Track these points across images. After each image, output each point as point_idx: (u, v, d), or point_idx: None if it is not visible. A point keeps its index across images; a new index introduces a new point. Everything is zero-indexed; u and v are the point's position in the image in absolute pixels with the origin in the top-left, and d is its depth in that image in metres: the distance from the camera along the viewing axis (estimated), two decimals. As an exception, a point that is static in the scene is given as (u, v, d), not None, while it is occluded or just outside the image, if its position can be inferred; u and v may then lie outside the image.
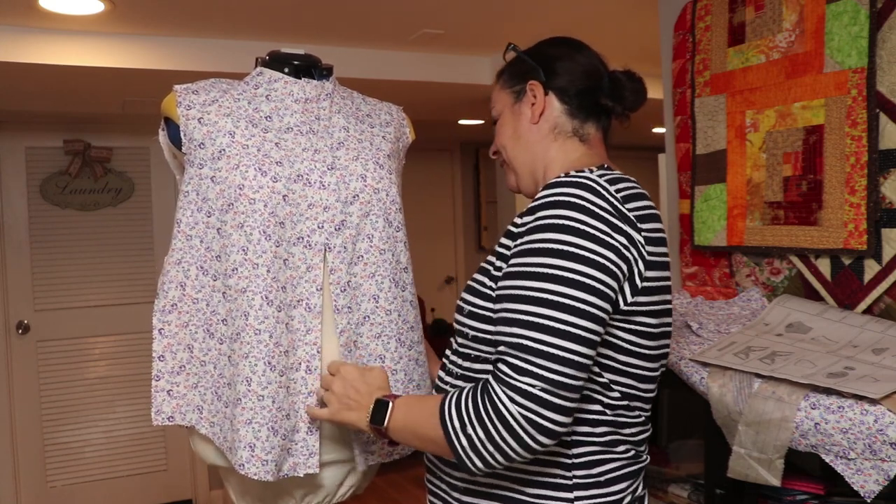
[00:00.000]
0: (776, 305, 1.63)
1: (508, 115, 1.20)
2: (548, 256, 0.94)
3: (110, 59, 2.51)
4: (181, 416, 1.41)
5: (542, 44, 1.21)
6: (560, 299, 0.92)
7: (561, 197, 0.97)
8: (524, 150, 1.18)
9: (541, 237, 0.95)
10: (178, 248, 1.39)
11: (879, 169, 1.48)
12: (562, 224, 0.94)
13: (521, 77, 1.19)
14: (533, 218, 0.98)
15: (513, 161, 1.20)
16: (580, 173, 1.01)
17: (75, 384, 3.70)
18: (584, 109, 1.16)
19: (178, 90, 1.39)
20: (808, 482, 1.44)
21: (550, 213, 0.96)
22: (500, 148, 1.22)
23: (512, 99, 1.20)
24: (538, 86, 1.16)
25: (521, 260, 0.97)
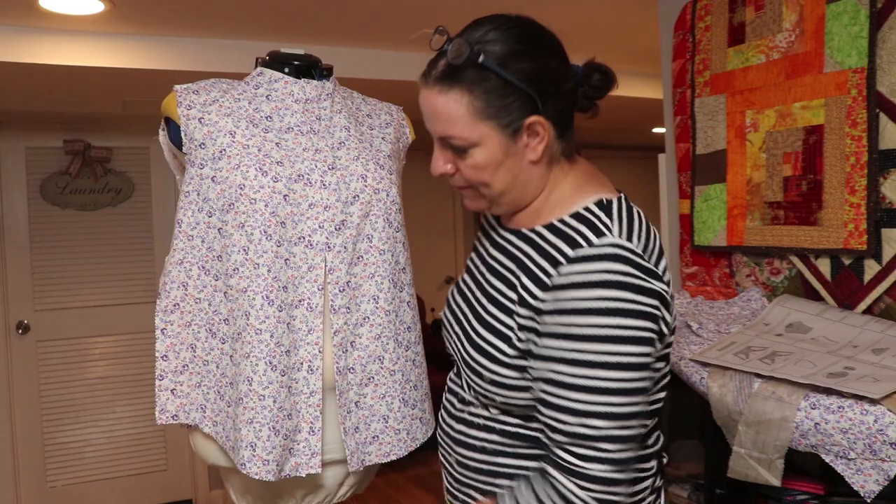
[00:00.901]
0: (776, 305, 1.63)
1: (497, 153, 0.97)
2: (598, 343, 0.89)
3: (110, 59, 2.51)
4: (185, 415, 1.41)
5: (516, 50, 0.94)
6: (617, 385, 0.89)
7: (604, 276, 0.89)
8: (520, 189, 1.01)
9: (588, 321, 0.89)
10: (180, 248, 1.39)
11: (879, 169, 1.48)
12: (607, 308, 0.88)
13: (513, 110, 0.95)
14: (575, 297, 0.90)
15: (499, 198, 1.02)
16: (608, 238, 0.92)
17: (75, 384, 3.70)
18: (570, 123, 1.02)
19: (178, 90, 1.39)
20: (808, 482, 1.44)
21: (595, 296, 0.89)
22: (479, 185, 1.01)
23: (502, 135, 0.96)
24: (543, 122, 0.96)
25: (571, 346, 0.90)
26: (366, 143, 1.46)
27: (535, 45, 0.96)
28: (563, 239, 0.96)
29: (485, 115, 0.95)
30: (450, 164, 1.02)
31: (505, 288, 1.02)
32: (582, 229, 0.95)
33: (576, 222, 0.97)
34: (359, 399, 1.41)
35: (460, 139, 0.97)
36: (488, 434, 1.06)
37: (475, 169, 0.99)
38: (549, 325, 0.93)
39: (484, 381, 1.01)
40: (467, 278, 1.15)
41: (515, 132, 0.96)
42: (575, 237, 0.95)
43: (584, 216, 0.97)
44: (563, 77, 0.98)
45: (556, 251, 0.96)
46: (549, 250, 0.97)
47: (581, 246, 0.93)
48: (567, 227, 0.97)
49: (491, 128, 0.96)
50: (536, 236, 1.01)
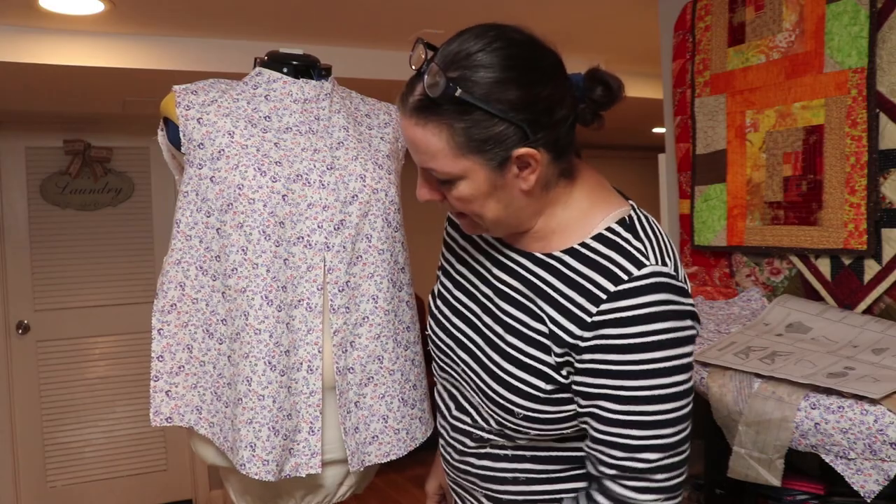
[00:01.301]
0: (776, 305, 1.63)
1: (483, 187, 0.90)
2: (646, 378, 0.86)
3: (110, 59, 2.51)
4: (179, 417, 1.40)
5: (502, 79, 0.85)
6: (666, 416, 0.88)
7: (650, 309, 0.86)
8: (516, 216, 0.95)
9: (635, 358, 0.86)
10: (178, 248, 1.38)
11: (879, 169, 1.48)
12: (655, 342, 0.86)
13: (497, 143, 0.87)
14: (620, 334, 0.86)
15: (495, 226, 0.96)
16: (648, 268, 0.88)
17: (75, 384, 3.70)
18: (568, 145, 0.93)
19: (177, 90, 1.39)
20: (808, 482, 1.43)
21: (641, 331, 0.86)
22: (473, 216, 0.95)
23: (488, 169, 0.89)
24: (533, 154, 0.87)
25: (618, 383, 0.87)
26: (364, 142, 1.46)
27: (526, 71, 0.86)
28: (598, 270, 0.89)
29: (467, 149, 0.87)
30: (436, 192, 0.94)
31: (529, 320, 0.94)
32: (618, 259, 0.89)
33: (605, 248, 0.91)
34: (358, 399, 1.41)
35: (441, 174, 0.90)
36: (519, 464, 1.00)
37: (462, 201, 0.92)
38: (590, 362, 0.89)
39: (516, 417, 0.94)
40: (460, 295, 1.06)
41: (503, 164, 0.88)
42: (613, 270, 0.88)
43: (611, 240, 0.91)
44: (558, 103, 0.88)
45: (592, 285, 0.89)
46: (582, 283, 0.90)
47: (622, 280, 0.87)
48: (597, 256, 0.91)
49: (475, 162, 0.88)
50: (559, 263, 0.94)
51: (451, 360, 1.05)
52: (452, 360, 1.05)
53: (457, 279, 1.08)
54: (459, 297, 1.06)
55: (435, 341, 1.09)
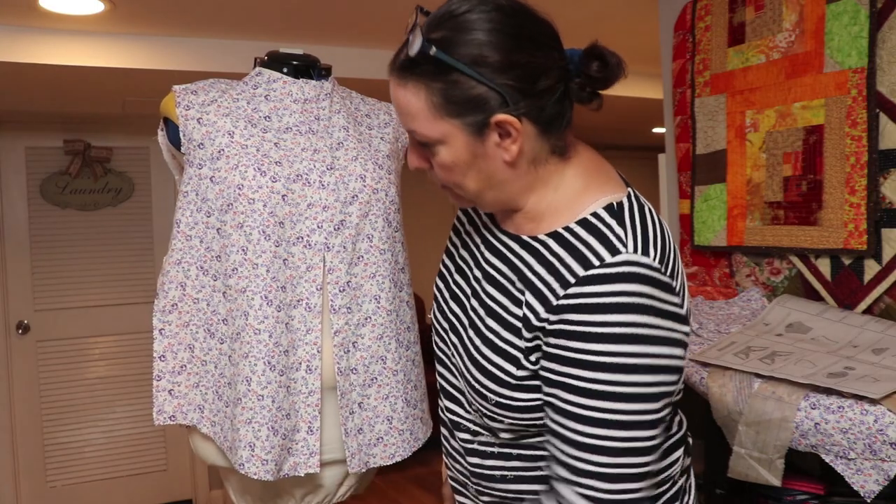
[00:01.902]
0: (776, 305, 1.63)
1: (463, 153, 0.88)
2: (604, 371, 0.82)
3: (110, 59, 2.51)
4: (182, 416, 1.41)
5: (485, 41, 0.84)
6: (624, 417, 0.82)
7: (618, 298, 0.81)
8: (498, 192, 0.93)
9: (597, 348, 0.82)
10: (178, 248, 1.38)
11: (879, 169, 1.48)
12: (621, 334, 0.81)
13: (475, 106, 0.85)
14: (584, 320, 0.82)
15: (479, 198, 0.94)
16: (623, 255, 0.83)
17: (75, 384, 3.70)
18: (558, 118, 0.90)
19: (176, 90, 1.39)
20: (808, 482, 1.43)
21: (606, 320, 0.81)
22: (454, 187, 0.93)
23: (466, 134, 0.87)
24: (512, 121, 0.85)
25: (575, 372, 0.83)
26: (364, 143, 1.46)
27: (508, 37, 0.84)
28: (573, 254, 0.86)
29: (444, 111, 0.85)
30: (423, 159, 0.93)
31: (508, 302, 0.92)
32: (593, 243, 0.86)
33: (585, 233, 0.87)
34: (362, 400, 1.41)
35: (421, 136, 0.89)
36: (506, 461, 0.98)
37: (443, 168, 0.90)
38: (553, 347, 0.86)
39: (489, 403, 0.93)
40: (459, 279, 1.05)
41: (481, 131, 0.86)
42: (586, 254, 0.85)
43: (593, 225, 0.88)
44: (543, 72, 0.86)
45: (564, 268, 0.86)
46: (556, 266, 0.87)
47: (592, 265, 0.83)
48: (575, 239, 0.88)
49: (453, 125, 0.86)
50: (541, 246, 0.91)
51: (445, 343, 1.04)
52: (445, 345, 1.04)
53: (458, 263, 1.07)
54: (458, 280, 1.05)
55: (435, 326, 1.08)
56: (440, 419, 1.11)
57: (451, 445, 1.07)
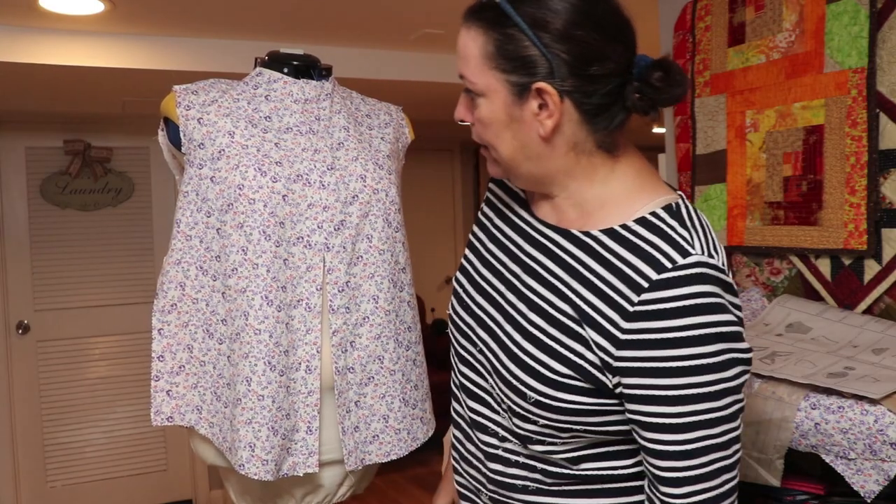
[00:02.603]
0: (776, 305, 1.63)
1: (500, 112, 0.89)
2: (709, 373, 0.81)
3: (110, 59, 2.51)
4: (180, 417, 1.41)
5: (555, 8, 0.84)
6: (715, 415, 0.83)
7: (695, 300, 0.81)
8: (533, 165, 0.92)
9: (695, 352, 0.81)
10: (178, 248, 1.38)
11: (879, 169, 1.48)
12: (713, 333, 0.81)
13: (522, 66, 0.85)
14: (664, 327, 0.82)
15: (511, 167, 0.94)
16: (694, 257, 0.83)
17: (75, 384, 3.70)
18: (605, 112, 0.89)
19: (177, 90, 1.39)
20: (808, 482, 1.43)
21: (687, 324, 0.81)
22: (490, 148, 0.94)
23: (507, 92, 0.87)
24: (553, 94, 0.85)
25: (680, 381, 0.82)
26: (365, 143, 1.46)
27: (579, 12, 0.84)
28: (639, 255, 0.85)
29: (494, 62, 0.87)
30: (469, 112, 0.93)
31: (556, 299, 0.90)
32: (661, 245, 0.84)
33: (648, 233, 0.86)
34: (359, 399, 1.41)
35: (469, 82, 0.90)
36: (530, 472, 0.96)
37: (481, 123, 0.91)
38: (631, 360, 0.84)
39: (527, 401, 0.90)
40: (486, 273, 1.02)
41: (522, 93, 0.86)
42: (655, 255, 0.84)
43: (655, 225, 0.86)
44: (598, 57, 0.84)
45: (632, 271, 0.84)
46: (621, 268, 0.85)
47: (666, 268, 0.82)
48: (638, 239, 0.86)
49: (498, 80, 0.87)
50: (595, 243, 0.89)
51: (471, 341, 1.00)
52: (471, 342, 1.00)
53: (485, 257, 1.04)
54: (486, 274, 1.02)
55: (455, 321, 1.05)
56: (456, 420, 1.08)
57: (468, 449, 1.04)
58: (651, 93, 0.87)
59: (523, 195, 1.03)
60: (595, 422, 0.89)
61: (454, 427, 1.09)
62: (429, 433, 1.53)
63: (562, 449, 0.93)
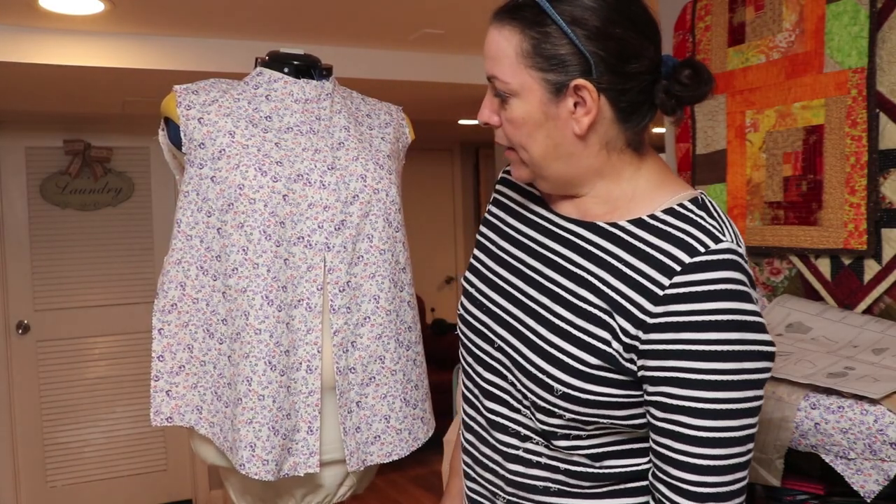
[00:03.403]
0: (776, 305, 1.63)
1: (536, 112, 0.88)
2: (733, 360, 0.81)
3: (110, 59, 2.51)
4: (180, 417, 1.41)
5: (588, 5, 0.85)
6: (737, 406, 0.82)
7: (726, 286, 0.82)
8: (564, 165, 0.91)
9: (721, 337, 0.81)
10: (178, 247, 1.38)
11: (879, 169, 1.48)
12: (731, 321, 0.81)
13: (560, 64, 0.86)
14: (695, 309, 0.81)
15: (541, 168, 0.93)
16: (725, 244, 0.85)
17: (75, 384, 3.70)
18: (638, 111, 0.90)
19: (177, 90, 1.39)
20: (808, 482, 1.43)
21: (718, 308, 0.81)
22: (518, 148, 0.92)
23: (544, 91, 0.87)
24: (592, 90, 0.86)
25: (690, 365, 0.81)
26: (365, 143, 1.46)
27: (615, 10, 0.86)
28: (670, 241, 0.86)
29: (531, 61, 0.86)
30: (495, 114, 0.92)
31: (585, 292, 0.89)
32: (692, 231, 0.85)
33: (678, 221, 0.87)
34: (360, 399, 1.41)
35: (501, 83, 0.89)
36: (552, 473, 0.94)
37: (512, 124, 0.90)
38: (658, 343, 0.83)
39: (554, 395, 0.88)
40: (503, 272, 1.01)
41: (559, 92, 0.86)
42: (687, 241, 0.84)
43: (684, 215, 0.88)
44: (635, 54, 0.86)
45: (664, 256, 0.85)
46: (653, 255, 0.86)
47: (699, 252, 0.83)
48: (669, 227, 0.87)
49: (534, 79, 0.87)
50: (625, 234, 0.90)
51: (487, 339, 0.99)
52: (487, 340, 0.99)
53: (499, 255, 1.03)
54: (501, 272, 1.01)
55: (467, 320, 1.04)
56: (468, 424, 1.06)
57: (482, 453, 1.02)
58: (680, 90, 0.89)
59: (539, 194, 1.03)
60: (621, 415, 0.89)
61: (466, 431, 1.07)
62: (429, 433, 1.53)
63: (586, 444, 0.92)
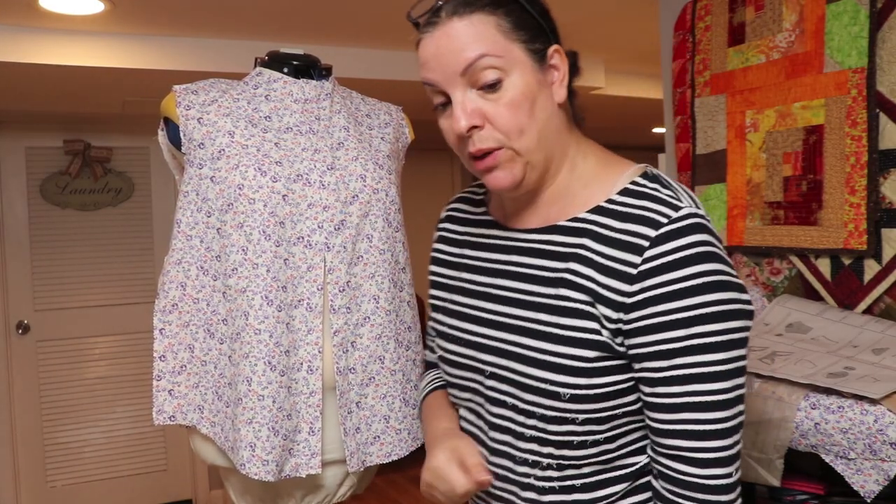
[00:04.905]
0: (776, 305, 1.63)
1: (532, 82, 0.86)
2: (714, 322, 0.80)
3: (110, 59, 2.51)
4: (182, 416, 1.41)
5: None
6: (722, 368, 0.82)
7: (697, 249, 0.81)
8: (552, 144, 0.90)
9: (699, 300, 0.80)
10: (179, 248, 1.39)
11: (879, 169, 1.48)
12: (711, 282, 0.81)
13: (538, 33, 0.87)
14: (671, 279, 0.81)
15: (535, 155, 0.89)
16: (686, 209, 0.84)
17: (75, 384, 3.70)
18: (570, 85, 0.93)
19: (177, 90, 1.39)
20: (808, 482, 1.43)
21: (694, 272, 0.81)
22: (515, 135, 0.87)
23: (531, 61, 0.86)
24: (563, 54, 0.89)
25: (684, 332, 0.81)
26: (365, 143, 1.46)
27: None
28: (634, 221, 0.85)
29: (514, 34, 0.85)
30: (476, 114, 0.86)
31: (566, 291, 0.88)
32: (652, 206, 0.85)
33: (636, 200, 0.87)
34: (360, 399, 1.41)
35: (494, 57, 0.84)
36: (568, 495, 0.92)
37: (512, 107, 0.85)
38: (638, 320, 0.83)
39: (563, 400, 0.86)
40: (471, 301, 0.99)
41: (542, 60, 0.87)
42: (650, 216, 0.84)
43: (639, 192, 0.87)
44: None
45: (631, 236, 0.84)
46: (620, 238, 0.85)
47: (662, 224, 0.83)
48: (628, 208, 0.87)
49: (522, 50, 0.85)
50: (588, 224, 0.89)
51: (474, 369, 0.97)
52: (475, 370, 0.96)
53: (463, 287, 1.02)
54: (470, 302, 1.00)
55: (450, 359, 1.01)
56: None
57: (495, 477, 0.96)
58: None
59: (492, 218, 1.04)
60: (633, 400, 0.88)
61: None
62: (429, 433, 1.53)
63: (605, 437, 0.90)
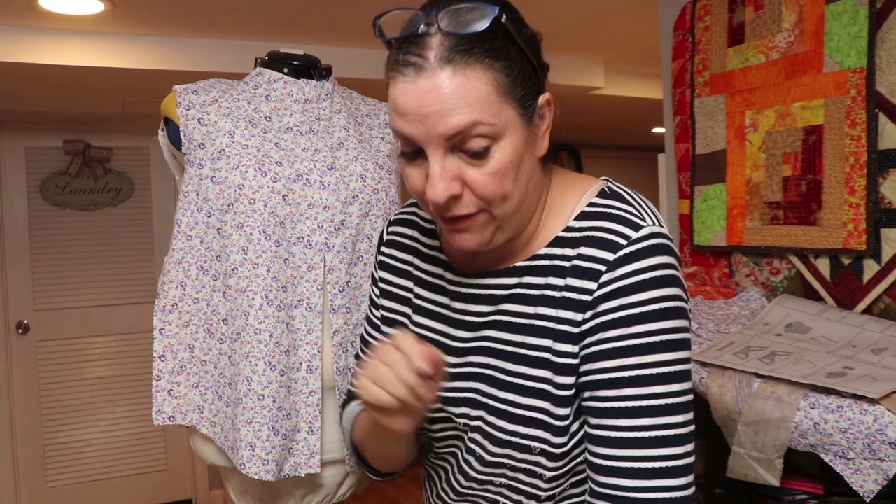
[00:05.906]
0: (776, 305, 1.63)
1: (520, 146, 0.76)
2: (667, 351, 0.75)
3: (110, 59, 2.51)
4: (182, 416, 1.41)
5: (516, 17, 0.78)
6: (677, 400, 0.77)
7: (657, 273, 0.75)
8: (529, 198, 0.81)
9: (654, 328, 0.75)
10: (179, 248, 1.39)
11: (879, 169, 1.49)
12: (667, 308, 0.75)
13: (532, 86, 0.77)
14: (628, 303, 0.75)
15: (511, 218, 0.80)
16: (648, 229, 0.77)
17: (75, 384, 3.70)
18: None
19: (177, 90, 1.39)
20: (807, 482, 1.44)
21: (651, 297, 0.75)
22: (497, 202, 0.77)
23: (521, 121, 0.76)
24: (551, 99, 0.79)
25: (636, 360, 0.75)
26: (365, 143, 1.46)
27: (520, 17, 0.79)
28: (592, 245, 0.78)
29: (511, 92, 0.74)
30: (456, 182, 0.75)
31: (531, 339, 0.82)
32: (611, 226, 0.78)
33: (593, 222, 0.80)
34: (358, 399, 1.41)
35: (487, 125, 0.72)
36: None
37: (497, 176, 0.75)
38: (588, 346, 0.77)
39: (534, 454, 0.81)
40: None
41: (532, 116, 0.77)
42: (608, 237, 0.77)
43: (597, 213, 0.80)
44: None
45: (589, 262, 0.77)
46: (580, 265, 0.78)
47: (621, 246, 0.76)
48: (586, 232, 0.80)
49: (514, 111, 0.75)
50: (546, 260, 0.82)
51: (449, 424, 0.89)
52: (451, 425, 0.89)
53: (414, 329, 0.95)
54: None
55: (437, 426, 0.92)
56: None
57: None
58: None
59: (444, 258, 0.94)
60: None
61: None
62: (429, 433, 1.53)
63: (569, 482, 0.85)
